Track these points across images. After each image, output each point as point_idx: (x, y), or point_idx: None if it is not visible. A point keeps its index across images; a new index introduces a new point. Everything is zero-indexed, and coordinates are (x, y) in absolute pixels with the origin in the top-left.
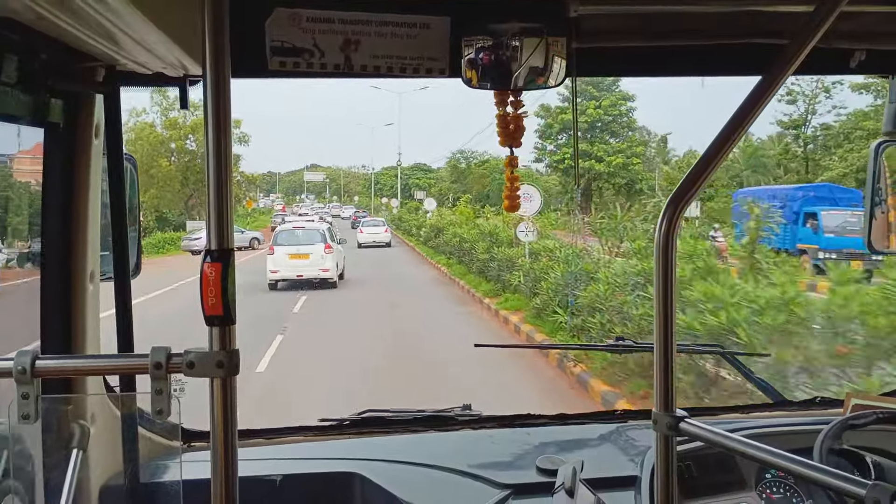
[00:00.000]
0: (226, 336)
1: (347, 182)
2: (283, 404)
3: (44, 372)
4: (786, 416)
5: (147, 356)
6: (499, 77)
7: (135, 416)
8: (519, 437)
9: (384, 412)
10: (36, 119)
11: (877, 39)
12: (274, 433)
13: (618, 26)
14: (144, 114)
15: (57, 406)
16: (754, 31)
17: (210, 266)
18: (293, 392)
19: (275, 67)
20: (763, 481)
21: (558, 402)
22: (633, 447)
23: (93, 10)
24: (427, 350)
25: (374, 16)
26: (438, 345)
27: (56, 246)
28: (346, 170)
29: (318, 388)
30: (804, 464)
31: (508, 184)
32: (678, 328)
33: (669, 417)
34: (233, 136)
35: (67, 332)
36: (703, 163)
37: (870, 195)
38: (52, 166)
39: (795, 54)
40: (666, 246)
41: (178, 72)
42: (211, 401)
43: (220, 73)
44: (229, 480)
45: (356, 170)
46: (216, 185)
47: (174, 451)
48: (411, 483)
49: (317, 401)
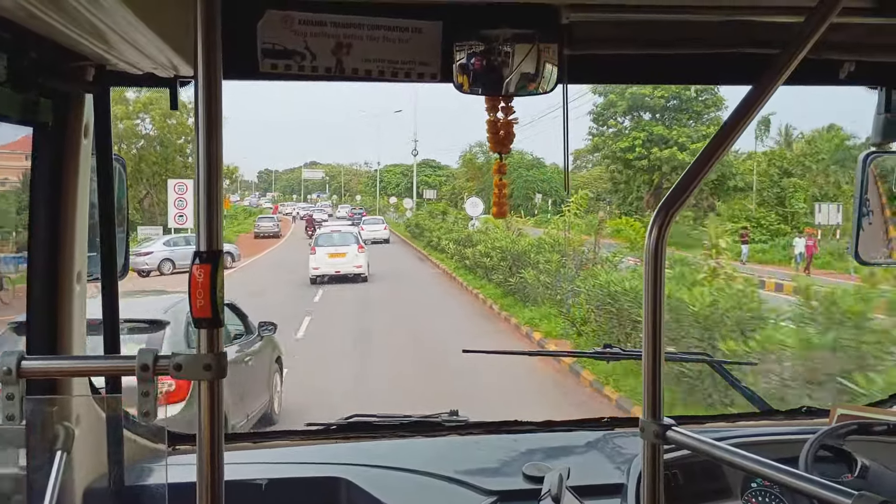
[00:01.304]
0: (214, 339)
1: (349, 180)
2: (318, 354)
3: (29, 373)
4: (772, 426)
5: (134, 358)
6: (490, 82)
7: (120, 418)
8: (505, 444)
9: (371, 417)
10: (25, 118)
11: (866, 51)
12: (260, 437)
13: (610, 34)
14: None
15: (41, 407)
16: (745, 41)
17: (199, 268)
18: (324, 347)
19: (266, 69)
20: (749, 490)
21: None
22: (620, 455)
23: (84, 8)
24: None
25: (367, 19)
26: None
27: (43, 245)
28: (348, 167)
29: (340, 345)
30: (790, 473)
31: (497, 190)
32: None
33: (657, 425)
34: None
35: (53, 333)
36: (694, 170)
37: (857, 206)
38: (41, 166)
39: (786, 64)
40: (655, 253)
41: (168, 72)
42: (198, 404)
43: (212, 75)
44: (215, 484)
45: (358, 167)
46: (206, 186)
47: (159, 454)
48: (398, 489)
49: (339, 352)
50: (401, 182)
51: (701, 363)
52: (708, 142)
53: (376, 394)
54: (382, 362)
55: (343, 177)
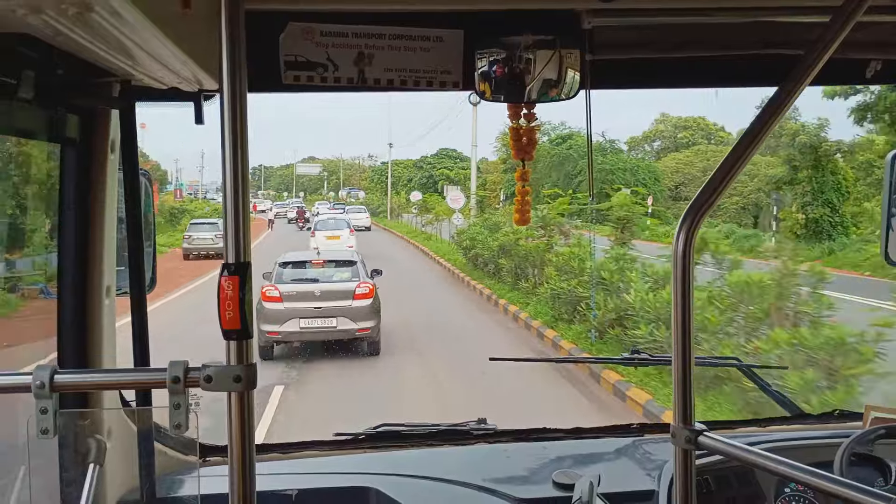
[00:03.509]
0: (243, 350)
1: (350, 175)
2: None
3: (62, 386)
4: (804, 430)
5: (165, 370)
6: (512, 89)
7: (151, 430)
8: (534, 451)
9: (399, 426)
10: (52, 135)
11: (892, 49)
12: (290, 447)
13: (632, 38)
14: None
15: (74, 421)
16: (770, 43)
17: (227, 280)
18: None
19: (289, 81)
20: (782, 495)
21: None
22: (651, 461)
23: (110, 25)
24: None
25: (388, 29)
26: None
27: (72, 261)
28: (350, 161)
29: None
30: (826, 477)
31: (519, 197)
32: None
33: (688, 431)
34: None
35: (84, 347)
36: (722, 172)
37: (886, 206)
38: (69, 181)
39: (812, 65)
40: (684, 257)
41: (193, 86)
42: (228, 415)
43: (237, 88)
44: (247, 495)
45: (361, 161)
46: (233, 199)
47: (190, 466)
48: (426, 498)
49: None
50: (414, 176)
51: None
52: (735, 144)
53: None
54: None
55: (343, 171)
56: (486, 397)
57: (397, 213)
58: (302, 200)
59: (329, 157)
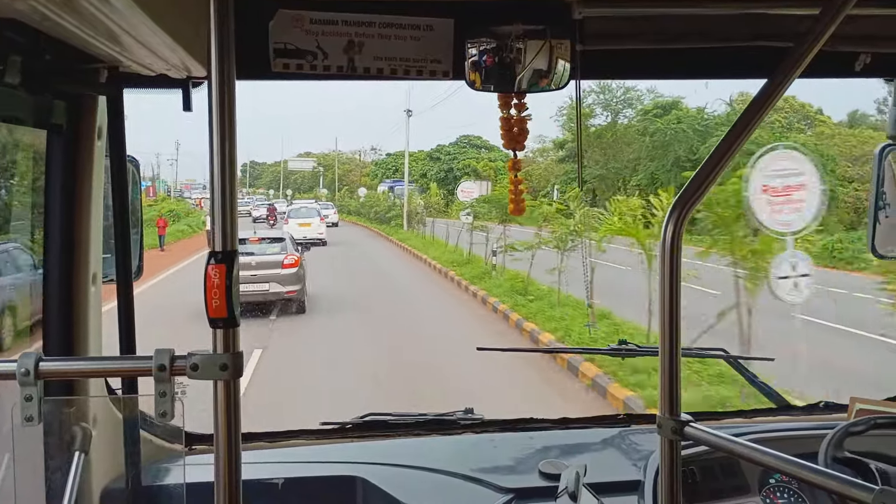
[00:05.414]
0: (230, 338)
1: (348, 170)
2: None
3: (48, 374)
4: (789, 421)
5: (151, 358)
6: (502, 79)
7: (137, 418)
8: (521, 441)
9: (386, 416)
10: (39, 121)
11: (881, 43)
12: (276, 436)
13: (623, 29)
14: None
15: (59, 408)
16: (760, 34)
17: (214, 268)
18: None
19: (278, 69)
20: (767, 486)
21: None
22: (637, 451)
23: (98, 10)
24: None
25: (378, 17)
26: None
27: (58, 248)
28: (348, 155)
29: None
30: (810, 468)
31: (512, 187)
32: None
33: (674, 422)
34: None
35: (69, 334)
36: (710, 166)
37: (874, 199)
38: (55, 168)
39: (801, 57)
40: (672, 248)
41: (181, 73)
42: (214, 404)
43: (225, 75)
44: (233, 484)
45: (361, 155)
46: (220, 187)
47: (176, 454)
48: (413, 487)
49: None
50: (430, 169)
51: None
52: (723, 136)
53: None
54: None
55: (338, 167)
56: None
57: (420, 218)
58: (270, 198)
59: (325, 150)
